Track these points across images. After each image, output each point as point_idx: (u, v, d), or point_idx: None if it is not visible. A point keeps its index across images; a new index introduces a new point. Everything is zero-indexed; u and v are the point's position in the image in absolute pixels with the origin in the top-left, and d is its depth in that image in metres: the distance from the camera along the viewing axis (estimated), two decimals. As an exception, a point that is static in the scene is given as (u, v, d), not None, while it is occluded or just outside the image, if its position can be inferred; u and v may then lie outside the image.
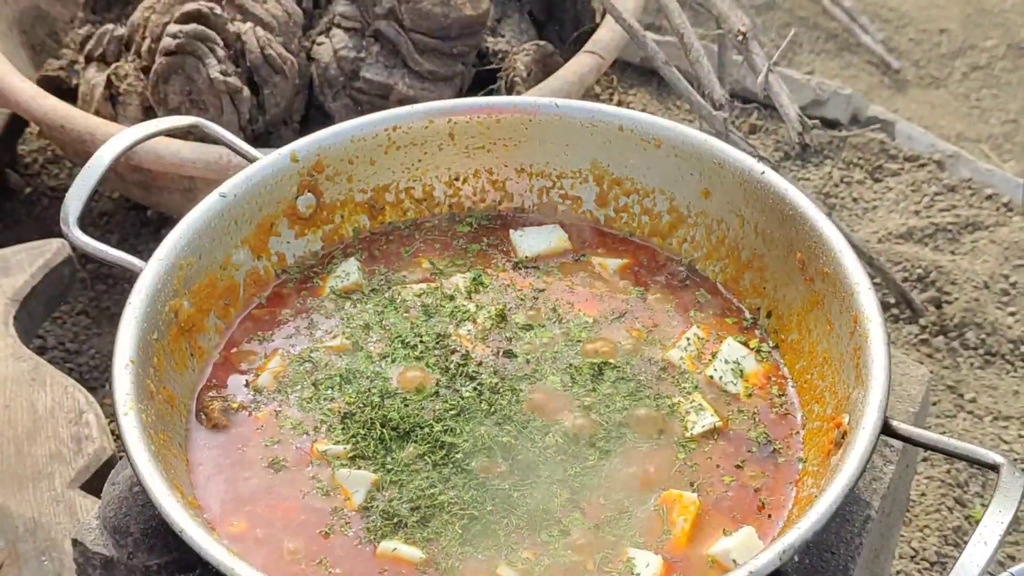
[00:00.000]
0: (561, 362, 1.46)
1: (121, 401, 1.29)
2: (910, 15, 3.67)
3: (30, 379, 1.97)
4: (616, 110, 1.63)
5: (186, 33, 2.38)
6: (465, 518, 1.29)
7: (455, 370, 1.44)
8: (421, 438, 1.36)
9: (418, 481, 1.32)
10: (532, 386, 1.43)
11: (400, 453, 1.35)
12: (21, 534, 1.77)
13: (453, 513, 1.30)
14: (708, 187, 1.57)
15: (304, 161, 1.58)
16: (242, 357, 1.49)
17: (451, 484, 1.32)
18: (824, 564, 1.32)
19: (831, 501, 1.20)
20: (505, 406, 1.40)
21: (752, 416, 1.42)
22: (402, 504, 1.31)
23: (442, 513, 1.30)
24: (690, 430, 1.40)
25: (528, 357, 1.46)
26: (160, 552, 1.31)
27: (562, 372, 1.45)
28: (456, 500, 1.31)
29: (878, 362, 1.30)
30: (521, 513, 1.31)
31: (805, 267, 1.47)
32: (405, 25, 2.46)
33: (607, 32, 2.63)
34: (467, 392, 1.41)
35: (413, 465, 1.34)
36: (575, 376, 1.44)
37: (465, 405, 1.40)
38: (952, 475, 2.27)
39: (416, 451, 1.35)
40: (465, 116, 1.64)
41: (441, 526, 1.29)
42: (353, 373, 1.44)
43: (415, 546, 1.28)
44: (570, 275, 1.59)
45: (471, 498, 1.31)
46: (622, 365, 1.46)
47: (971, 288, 2.63)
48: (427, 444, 1.36)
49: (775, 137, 3.07)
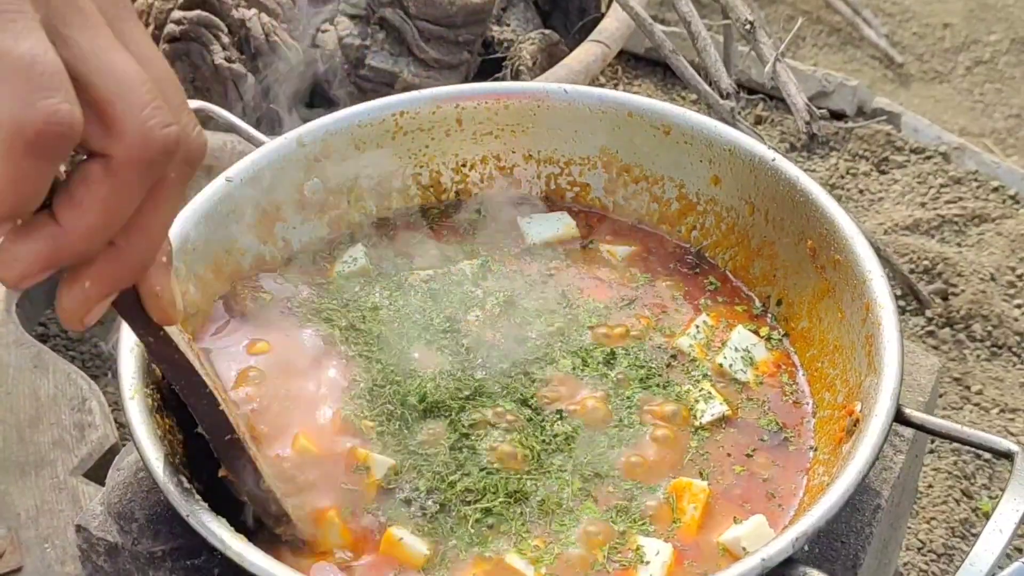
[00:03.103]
0: (572, 345, 1.45)
1: (127, 385, 1.28)
2: (913, 9, 3.66)
3: (32, 366, 1.96)
4: (625, 96, 1.62)
5: (190, 19, 2.36)
6: (479, 511, 1.28)
7: (465, 354, 1.43)
8: (442, 416, 1.35)
9: (436, 467, 1.31)
10: (543, 370, 1.42)
11: (419, 435, 1.34)
12: (23, 521, 1.76)
13: (467, 502, 1.29)
14: (718, 174, 1.56)
15: (311, 146, 1.57)
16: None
17: (466, 471, 1.31)
18: (834, 553, 1.31)
19: (844, 489, 1.18)
20: (519, 389, 1.39)
21: (762, 404, 1.41)
22: (420, 495, 1.29)
23: (458, 504, 1.29)
24: (699, 418, 1.39)
25: (538, 342, 1.45)
26: (166, 538, 1.30)
27: (573, 356, 1.44)
28: (472, 488, 1.30)
29: (891, 350, 1.29)
30: (533, 503, 1.30)
31: (816, 255, 1.46)
32: (410, 13, 2.45)
33: (613, 21, 2.62)
34: (479, 375, 1.40)
35: (431, 447, 1.33)
36: (587, 360, 1.43)
37: (480, 387, 1.39)
38: (959, 467, 2.26)
39: (434, 432, 1.34)
40: (473, 102, 1.63)
41: (457, 522, 1.28)
42: (372, 350, 1.43)
43: (424, 538, 1.26)
44: (579, 262, 1.58)
45: (485, 487, 1.30)
46: (634, 351, 1.45)
47: (977, 280, 2.62)
48: (447, 422, 1.35)
49: (781, 128, 3.07)
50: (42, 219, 0.86)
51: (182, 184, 0.92)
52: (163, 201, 0.90)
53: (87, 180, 0.86)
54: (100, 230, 0.87)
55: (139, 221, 0.90)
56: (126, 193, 0.87)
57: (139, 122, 0.86)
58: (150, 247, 0.92)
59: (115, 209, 0.87)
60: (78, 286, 0.91)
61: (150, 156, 0.86)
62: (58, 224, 0.86)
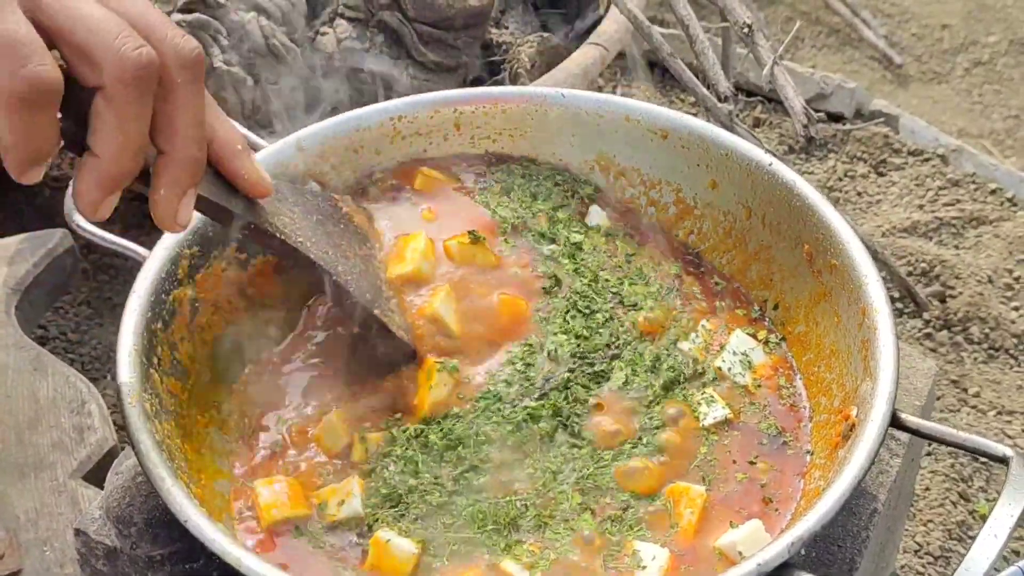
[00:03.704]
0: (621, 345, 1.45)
1: (125, 389, 1.28)
2: (912, 10, 3.66)
3: (32, 368, 1.96)
4: (623, 100, 1.62)
5: (189, 23, 2.37)
6: (475, 529, 1.29)
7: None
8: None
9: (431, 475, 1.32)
10: (600, 388, 1.42)
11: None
12: (22, 524, 1.76)
13: (462, 517, 1.29)
14: (715, 178, 1.56)
15: (309, 150, 1.57)
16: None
17: (468, 486, 1.31)
18: (831, 557, 1.31)
19: (840, 493, 1.19)
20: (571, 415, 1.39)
21: (762, 408, 1.41)
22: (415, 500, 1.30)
23: (453, 518, 1.29)
24: (702, 421, 1.39)
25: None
26: (164, 542, 1.30)
27: (626, 366, 1.44)
28: (472, 506, 1.30)
29: (887, 354, 1.30)
30: (531, 517, 1.30)
31: (813, 259, 1.46)
32: (409, 15, 2.45)
33: (611, 24, 2.62)
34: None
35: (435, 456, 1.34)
36: (635, 368, 1.43)
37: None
38: (956, 470, 2.27)
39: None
40: (471, 106, 1.63)
41: (451, 536, 1.28)
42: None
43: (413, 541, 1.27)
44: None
45: (483, 512, 1.30)
46: (672, 354, 1.45)
47: (975, 283, 2.63)
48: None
49: (779, 131, 3.07)
50: (86, 156, 1.06)
51: (194, 84, 1.09)
52: (182, 102, 1.08)
53: (96, 112, 1.04)
54: (126, 146, 1.05)
55: (170, 125, 1.09)
56: (129, 110, 1.04)
57: (113, 51, 1.03)
58: (190, 143, 1.10)
59: (127, 125, 1.05)
60: (157, 196, 1.12)
61: (132, 75, 1.03)
62: (95, 155, 1.06)
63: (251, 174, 1.24)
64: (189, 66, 1.08)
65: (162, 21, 1.08)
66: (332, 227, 1.41)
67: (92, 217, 1.08)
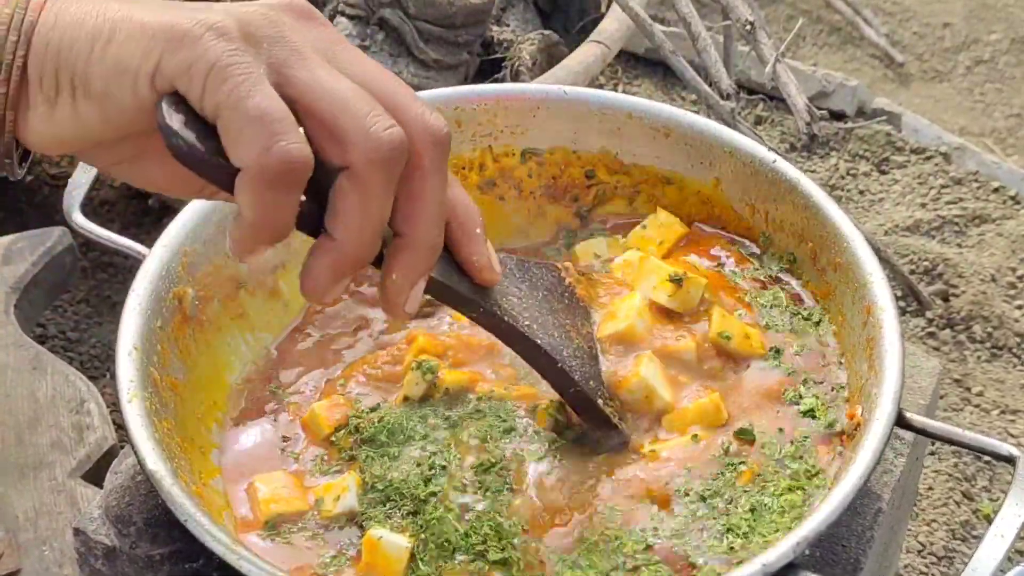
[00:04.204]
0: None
1: (125, 388, 1.28)
2: (913, 9, 3.66)
3: (31, 367, 1.96)
4: (625, 98, 1.61)
5: (189, 20, 2.36)
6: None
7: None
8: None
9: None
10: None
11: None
12: (21, 523, 1.76)
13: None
14: (719, 176, 1.56)
15: (310, 147, 1.56)
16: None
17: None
18: (835, 557, 1.31)
19: (845, 493, 1.18)
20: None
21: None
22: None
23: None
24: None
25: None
26: (163, 542, 1.30)
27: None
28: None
29: (892, 353, 1.29)
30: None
31: (816, 257, 1.45)
32: (410, 13, 2.44)
33: (612, 22, 2.61)
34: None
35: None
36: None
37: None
38: (960, 469, 2.26)
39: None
40: (472, 104, 1.62)
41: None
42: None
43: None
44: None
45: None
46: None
47: (978, 281, 2.62)
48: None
49: (781, 129, 3.06)
50: (322, 238, 1.02)
51: (440, 165, 1.04)
52: (426, 185, 1.03)
53: (340, 192, 0.99)
54: (365, 230, 1.01)
55: (411, 208, 1.03)
56: (374, 192, 0.99)
57: (363, 130, 0.98)
58: (432, 228, 1.05)
59: (371, 208, 1.00)
60: (389, 281, 1.06)
61: (382, 156, 0.98)
62: (332, 238, 1.01)
63: (483, 260, 1.15)
64: (438, 143, 1.03)
65: (411, 98, 1.03)
66: (557, 303, 1.30)
67: (319, 302, 1.07)
